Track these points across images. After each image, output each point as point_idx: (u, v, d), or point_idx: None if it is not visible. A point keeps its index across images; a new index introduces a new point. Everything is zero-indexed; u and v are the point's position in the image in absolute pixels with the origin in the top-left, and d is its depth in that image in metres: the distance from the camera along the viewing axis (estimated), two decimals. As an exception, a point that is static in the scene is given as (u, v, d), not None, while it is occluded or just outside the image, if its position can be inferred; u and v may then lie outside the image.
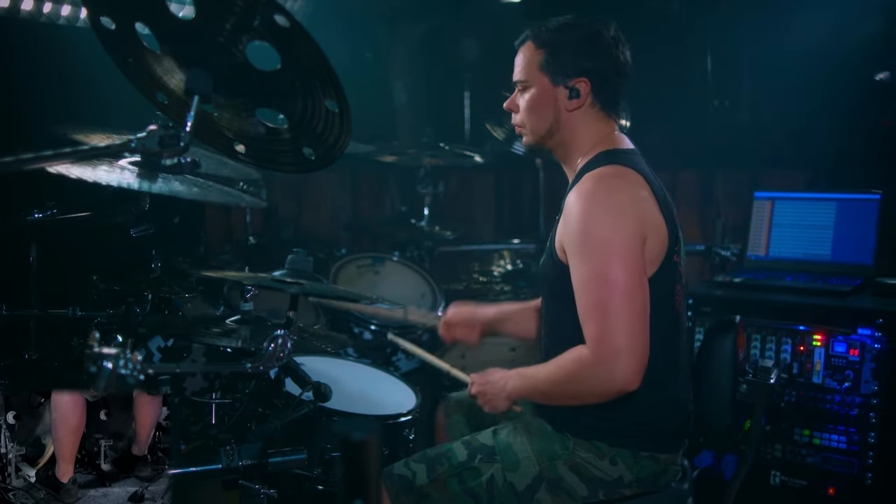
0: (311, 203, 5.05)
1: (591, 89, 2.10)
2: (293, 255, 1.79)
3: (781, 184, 4.02)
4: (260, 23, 1.38)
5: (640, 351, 1.87)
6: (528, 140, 2.21)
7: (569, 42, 2.10)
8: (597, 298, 1.89)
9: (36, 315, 2.42)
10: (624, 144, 2.14)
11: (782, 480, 2.95)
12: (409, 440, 2.56)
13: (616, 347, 1.85)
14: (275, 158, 1.71)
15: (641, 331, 1.87)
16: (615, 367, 1.85)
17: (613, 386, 1.88)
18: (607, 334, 1.86)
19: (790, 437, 2.92)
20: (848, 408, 2.81)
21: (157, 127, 1.43)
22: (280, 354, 1.58)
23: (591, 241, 1.91)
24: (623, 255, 1.89)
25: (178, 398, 2.39)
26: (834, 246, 3.28)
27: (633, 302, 1.88)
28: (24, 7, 2.91)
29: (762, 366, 2.16)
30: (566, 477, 2.05)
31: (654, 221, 1.98)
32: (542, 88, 2.13)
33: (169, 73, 1.61)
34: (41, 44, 2.98)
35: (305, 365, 2.69)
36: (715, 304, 3.11)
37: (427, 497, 2.09)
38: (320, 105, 1.49)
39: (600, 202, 1.94)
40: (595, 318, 1.89)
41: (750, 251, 3.47)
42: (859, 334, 2.79)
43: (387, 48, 5.34)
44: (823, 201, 3.34)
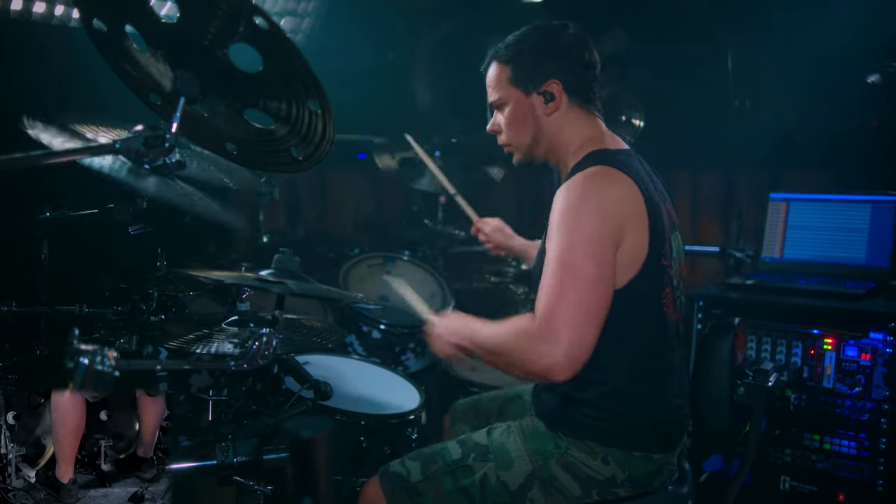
0: (334, 202, 5.08)
1: (564, 88, 2.13)
2: (279, 254, 1.81)
3: (804, 185, 3.97)
4: (242, 26, 1.40)
5: (583, 343, 1.81)
6: (518, 157, 2.26)
7: (529, 50, 2.14)
8: (558, 277, 1.85)
9: (46, 312, 2.47)
10: (614, 144, 2.14)
11: (792, 486, 2.91)
12: (411, 440, 2.57)
13: (559, 330, 1.80)
14: (265, 158, 1.73)
15: (591, 325, 1.83)
16: (551, 348, 1.79)
17: (540, 365, 1.81)
18: (555, 314, 1.82)
19: (800, 441, 2.89)
20: (859, 413, 2.76)
21: (143, 127, 1.45)
22: (265, 353, 1.59)
23: (568, 225, 1.91)
24: (595, 246, 1.88)
25: (184, 395, 2.43)
26: (850, 248, 3.23)
27: (592, 293, 1.84)
28: (13, 7, 2.95)
29: (761, 368, 2.14)
30: (559, 476, 2.05)
31: (637, 224, 1.96)
32: (517, 101, 2.16)
33: (160, 74, 1.64)
34: (34, 43, 3.02)
35: (312, 363, 2.73)
36: (726, 306, 3.08)
37: (421, 494, 2.10)
38: (304, 106, 1.51)
39: (584, 196, 1.94)
40: (550, 294, 1.85)
41: (765, 253, 3.43)
42: (871, 338, 2.75)
43: (408, 48, 5.35)
44: (840, 203, 3.29)
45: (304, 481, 0.97)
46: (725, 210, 4.62)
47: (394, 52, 5.16)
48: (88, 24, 1.61)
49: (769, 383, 2.12)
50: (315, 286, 1.82)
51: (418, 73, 5.33)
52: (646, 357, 2.03)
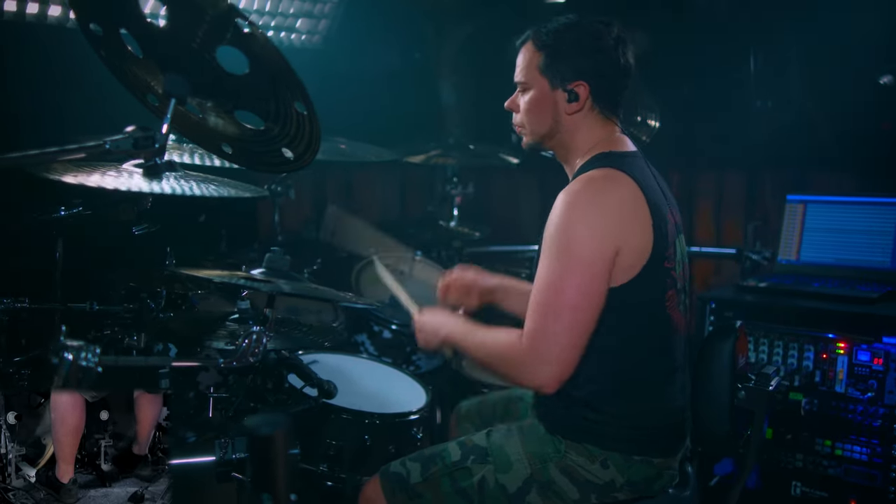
0: (358, 202, 5.10)
1: (591, 92, 2.09)
2: (270, 253, 1.84)
3: (830, 186, 3.92)
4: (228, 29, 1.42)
5: (567, 363, 1.91)
6: (527, 140, 2.22)
7: (568, 44, 2.09)
8: (545, 299, 1.92)
9: (59, 309, 2.51)
10: (623, 146, 2.13)
11: (803, 491, 2.87)
12: (416, 439, 2.58)
13: (545, 351, 1.90)
14: (259, 159, 1.75)
15: (575, 345, 1.91)
16: (538, 367, 1.91)
17: (530, 382, 1.96)
18: (542, 336, 1.91)
19: (811, 447, 2.85)
20: (871, 418, 2.72)
21: (134, 128, 1.48)
22: (255, 350, 1.62)
23: (558, 244, 1.93)
24: (583, 268, 1.90)
25: (193, 392, 2.47)
26: (867, 250, 3.18)
27: (577, 317, 1.90)
28: (7, 8, 2.99)
29: (763, 372, 2.12)
30: (557, 480, 2.04)
31: (639, 227, 1.96)
32: (541, 91, 2.13)
33: (155, 76, 1.67)
34: (32, 45, 3.06)
35: (320, 362, 2.75)
36: (738, 308, 3.05)
37: (420, 496, 2.11)
38: (291, 107, 1.53)
39: (580, 208, 1.94)
40: (538, 316, 1.92)
41: (781, 255, 3.39)
42: (884, 343, 2.70)
43: (434, 48, 5.36)
44: (858, 205, 3.24)
45: (263, 477, 0.98)
46: (749, 212, 4.57)
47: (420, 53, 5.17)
48: (86, 28, 1.64)
49: (770, 387, 2.10)
50: (305, 285, 1.84)
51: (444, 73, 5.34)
52: (647, 359, 2.02)
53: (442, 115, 5.03)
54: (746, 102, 4.33)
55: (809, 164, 4.20)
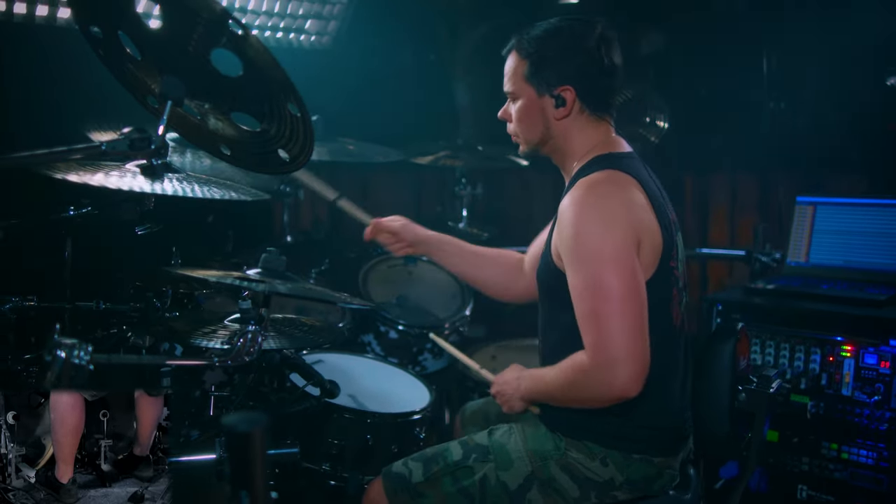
0: (374, 203, 5.11)
1: (578, 96, 2.10)
2: (266, 253, 1.85)
3: (844, 188, 3.89)
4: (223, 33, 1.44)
5: (639, 356, 1.86)
6: (523, 148, 2.25)
7: (550, 50, 2.10)
8: (591, 307, 1.90)
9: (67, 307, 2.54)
10: (619, 148, 2.13)
11: (809, 495, 2.85)
12: (419, 439, 2.59)
13: (613, 355, 1.86)
14: (256, 160, 1.77)
15: (639, 336, 1.87)
16: (613, 373, 1.86)
17: (612, 392, 1.88)
18: (603, 342, 1.87)
19: (817, 450, 2.82)
20: (878, 422, 2.69)
21: (130, 129, 1.50)
22: (250, 349, 1.63)
23: (583, 249, 1.92)
24: (616, 260, 1.89)
25: (199, 391, 2.49)
26: (877, 253, 3.15)
27: (629, 307, 1.87)
28: (17, 10, 3.02)
29: (764, 374, 2.11)
30: (557, 477, 2.05)
31: (649, 226, 1.97)
32: (529, 99, 2.15)
33: (154, 79, 1.69)
34: (39, 46, 3.08)
35: (325, 362, 2.77)
36: (745, 311, 3.03)
37: (422, 495, 2.12)
38: (285, 109, 1.54)
39: (591, 209, 1.94)
40: (591, 326, 1.90)
41: (790, 257, 3.37)
42: (891, 346, 2.67)
43: (449, 50, 5.37)
44: (867, 207, 3.22)
45: (241, 476, 0.99)
46: (763, 213, 4.54)
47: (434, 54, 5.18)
48: (87, 31, 1.67)
49: (771, 389, 2.09)
50: (301, 286, 1.85)
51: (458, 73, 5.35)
52: (652, 359, 2.02)
53: (454, 116, 5.04)
54: (759, 103, 4.31)
55: (821, 166, 4.16)
